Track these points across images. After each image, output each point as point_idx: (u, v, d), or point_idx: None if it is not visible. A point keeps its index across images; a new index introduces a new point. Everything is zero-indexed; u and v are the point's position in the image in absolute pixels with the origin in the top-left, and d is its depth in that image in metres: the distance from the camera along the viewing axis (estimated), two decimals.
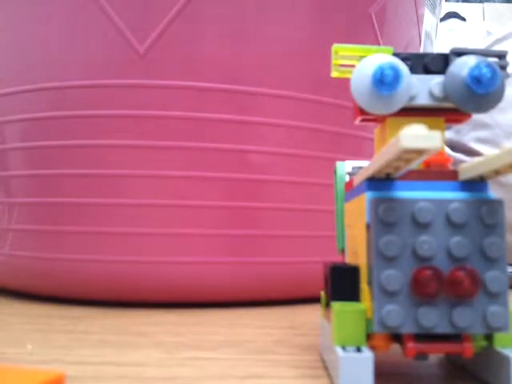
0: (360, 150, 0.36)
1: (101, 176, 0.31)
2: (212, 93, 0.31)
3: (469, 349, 0.16)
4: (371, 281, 0.16)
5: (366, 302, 0.17)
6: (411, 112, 0.18)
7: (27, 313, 0.29)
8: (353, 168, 0.21)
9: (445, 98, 0.18)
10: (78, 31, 0.32)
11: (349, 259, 0.20)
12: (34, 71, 0.33)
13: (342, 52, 0.18)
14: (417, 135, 0.13)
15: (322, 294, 0.20)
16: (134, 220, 0.31)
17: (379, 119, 0.19)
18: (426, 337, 0.16)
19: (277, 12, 0.32)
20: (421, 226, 0.16)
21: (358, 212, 0.18)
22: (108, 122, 0.31)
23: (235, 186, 0.32)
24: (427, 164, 0.18)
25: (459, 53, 0.18)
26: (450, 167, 0.18)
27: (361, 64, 0.17)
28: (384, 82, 0.17)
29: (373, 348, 0.17)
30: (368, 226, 0.16)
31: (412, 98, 0.18)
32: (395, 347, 0.17)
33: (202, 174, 0.31)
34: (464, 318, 0.15)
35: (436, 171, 0.17)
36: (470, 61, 0.17)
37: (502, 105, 0.54)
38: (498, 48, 0.60)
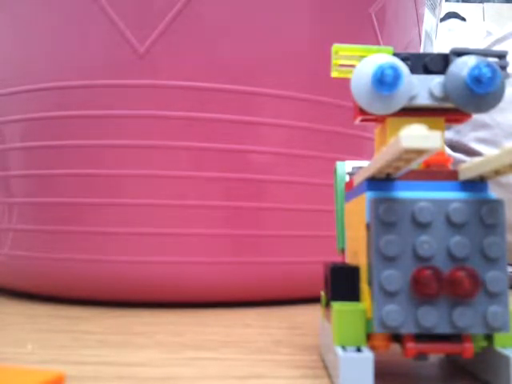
0: (360, 150, 0.36)
1: (101, 176, 0.31)
2: (212, 93, 0.31)
3: (469, 349, 0.16)
4: (371, 281, 0.16)
5: (366, 302, 0.17)
6: (411, 112, 0.18)
7: (27, 313, 0.29)
8: (353, 168, 0.21)
9: (445, 98, 0.18)
10: (77, 31, 0.32)
11: (349, 259, 0.20)
12: (34, 71, 0.33)
13: (342, 52, 0.18)
14: (417, 135, 0.13)
15: (322, 293, 0.20)
16: (133, 220, 0.31)
17: (379, 119, 0.19)
18: (426, 337, 0.16)
19: (277, 12, 0.32)
20: (421, 226, 0.16)
21: (358, 212, 0.18)
22: (108, 121, 0.31)
23: (235, 186, 0.32)
24: (427, 164, 0.18)
25: (459, 53, 0.18)
26: (450, 167, 0.18)
27: (361, 64, 0.17)
28: (384, 81, 0.17)
29: (373, 348, 0.17)
30: (368, 226, 0.16)
31: (412, 98, 0.18)
32: (395, 347, 0.17)
33: (202, 173, 0.31)
34: (464, 318, 0.15)
35: (436, 171, 0.17)
36: (470, 61, 0.17)
37: (501, 105, 0.54)
38: (498, 48, 0.60)
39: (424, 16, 0.41)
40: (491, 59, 0.18)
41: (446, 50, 0.18)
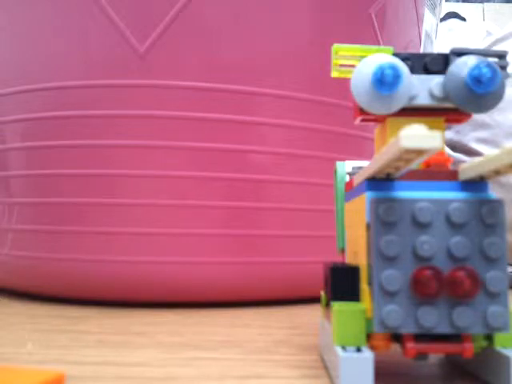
0: (360, 149, 0.36)
1: (101, 176, 0.31)
2: (212, 93, 0.31)
3: (469, 349, 0.16)
4: (371, 281, 0.16)
5: (366, 302, 0.17)
6: (411, 112, 0.18)
7: (27, 313, 0.29)
8: (353, 168, 0.21)
9: (445, 98, 0.18)
10: (77, 31, 0.32)
11: (349, 259, 0.20)
12: (34, 71, 0.33)
13: (342, 52, 0.18)
14: (417, 135, 0.13)
15: (322, 294, 0.20)
16: (133, 220, 0.31)
17: (379, 119, 0.19)
18: (426, 337, 0.16)
19: (277, 12, 0.32)
20: (421, 226, 0.16)
21: (358, 212, 0.18)
22: (108, 121, 0.31)
23: (235, 185, 0.32)
24: (427, 164, 0.18)
25: (459, 53, 0.18)
26: (450, 167, 0.18)
27: (361, 64, 0.17)
28: (384, 81, 0.17)
29: (373, 348, 0.17)
30: (368, 226, 0.16)
31: (412, 98, 0.18)
32: (395, 347, 0.17)
33: (202, 173, 0.31)
34: (464, 318, 0.15)
35: (436, 171, 0.17)
36: (470, 61, 0.17)
37: (501, 105, 0.54)
38: (498, 48, 0.60)
39: (424, 16, 0.41)
40: (491, 59, 0.18)
41: (446, 50, 0.18)
